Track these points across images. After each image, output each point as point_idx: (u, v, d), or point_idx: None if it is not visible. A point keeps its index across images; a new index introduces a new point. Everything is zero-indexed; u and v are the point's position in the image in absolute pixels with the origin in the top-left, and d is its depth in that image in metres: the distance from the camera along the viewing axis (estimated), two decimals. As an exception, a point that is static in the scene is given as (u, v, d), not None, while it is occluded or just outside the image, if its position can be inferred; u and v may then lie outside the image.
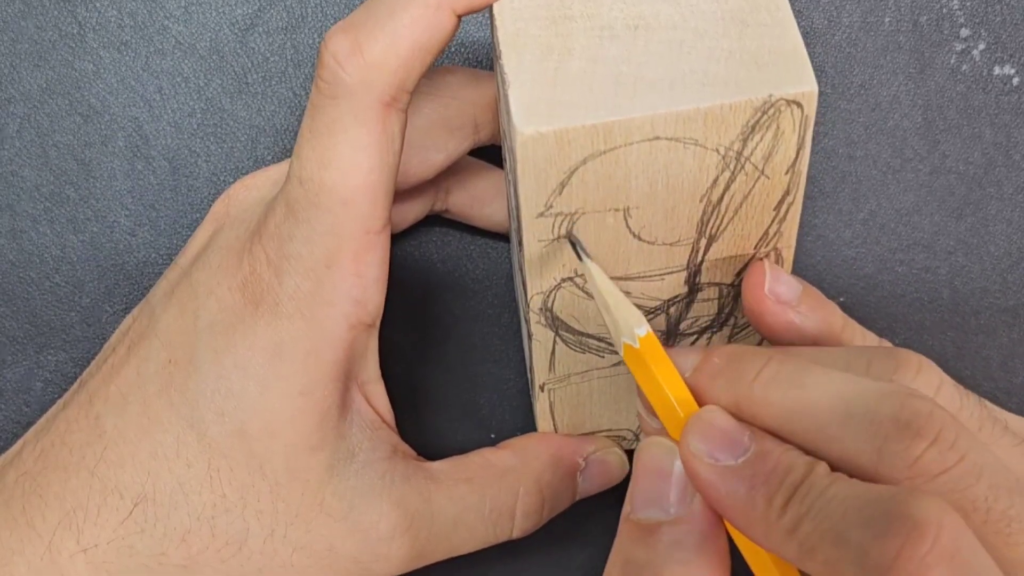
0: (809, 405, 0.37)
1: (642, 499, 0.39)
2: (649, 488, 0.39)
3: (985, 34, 0.56)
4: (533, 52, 0.40)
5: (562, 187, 0.39)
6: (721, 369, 0.39)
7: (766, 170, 0.40)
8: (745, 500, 0.36)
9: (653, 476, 0.39)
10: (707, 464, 0.37)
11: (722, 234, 0.42)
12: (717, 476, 0.37)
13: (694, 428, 0.38)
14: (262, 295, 0.44)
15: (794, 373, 0.38)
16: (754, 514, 0.36)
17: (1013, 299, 0.56)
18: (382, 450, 0.46)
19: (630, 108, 0.38)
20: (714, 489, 0.37)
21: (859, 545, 0.33)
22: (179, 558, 0.44)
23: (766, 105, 0.38)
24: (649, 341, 0.40)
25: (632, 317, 0.40)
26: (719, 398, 0.39)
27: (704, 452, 0.37)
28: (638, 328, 0.40)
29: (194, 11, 0.55)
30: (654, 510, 0.39)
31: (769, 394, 0.37)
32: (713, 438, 0.37)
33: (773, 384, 0.38)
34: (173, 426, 0.44)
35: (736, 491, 0.36)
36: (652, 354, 0.40)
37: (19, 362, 0.55)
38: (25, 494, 0.45)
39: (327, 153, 0.43)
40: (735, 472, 0.37)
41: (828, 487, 0.35)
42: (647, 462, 0.39)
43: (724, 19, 0.40)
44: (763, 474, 0.36)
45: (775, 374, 0.38)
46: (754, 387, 0.38)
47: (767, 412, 0.37)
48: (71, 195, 0.55)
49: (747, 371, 0.38)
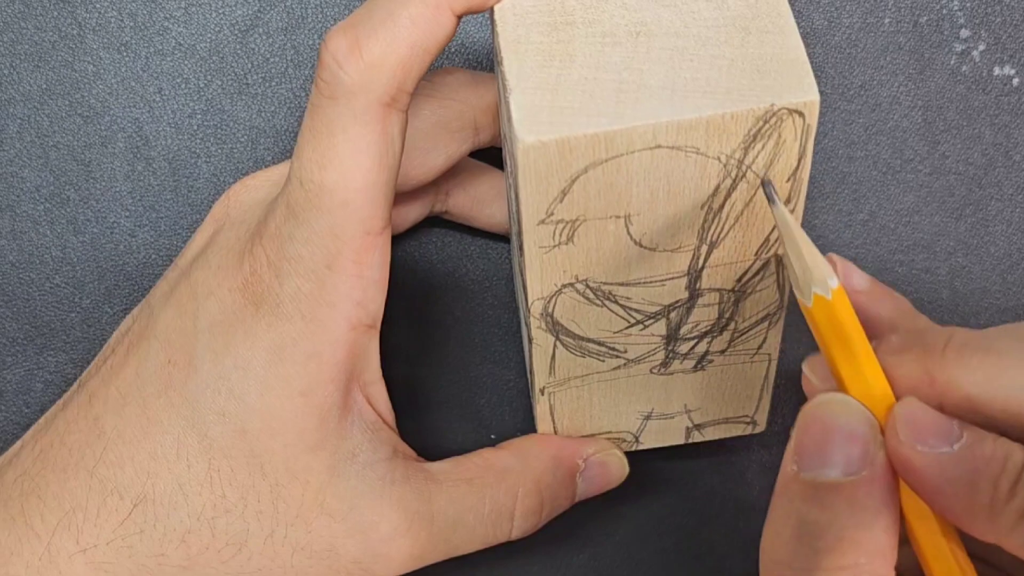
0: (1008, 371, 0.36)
1: (818, 457, 0.37)
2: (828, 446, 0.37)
3: (985, 35, 0.56)
4: (534, 58, 0.39)
5: (563, 195, 0.39)
6: (904, 344, 0.38)
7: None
8: (967, 486, 0.35)
9: (833, 434, 0.37)
10: (921, 452, 0.36)
11: (723, 241, 0.42)
12: (934, 463, 0.36)
13: (903, 416, 0.37)
14: (262, 296, 0.44)
15: (983, 340, 0.37)
16: (978, 500, 0.35)
17: (1013, 299, 0.56)
18: (383, 451, 0.46)
19: (632, 116, 0.38)
20: (930, 476, 0.36)
21: None
22: (179, 559, 0.44)
23: (768, 114, 0.38)
24: (842, 296, 0.38)
25: (826, 268, 0.38)
26: (908, 372, 0.37)
27: (915, 440, 0.36)
28: (832, 280, 0.38)
29: (194, 12, 0.55)
30: (832, 469, 0.36)
31: (965, 359, 0.37)
32: (923, 426, 0.36)
33: (966, 351, 0.37)
34: (173, 427, 0.44)
35: (957, 477, 0.35)
36: (844, 310, 0.38)
37: (19, 363, 0.55)
38: (24, 494, 0.45)
39: (327, 154, 0.43)
40: (953, 458, 0.35)
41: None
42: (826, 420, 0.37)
43: (726, 26, 0.40)
44: (984, 458, 0.35)
45: (966, 340, 0.37)
46: (946, 355, 0.37)
47: (965, 377, 0.36)
48: (71, 196, 0.55)
49: (934, 341, 0.37)
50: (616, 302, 0.44)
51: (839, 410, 0.37)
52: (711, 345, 0.47)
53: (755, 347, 0.47)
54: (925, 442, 0.36)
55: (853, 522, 0.36)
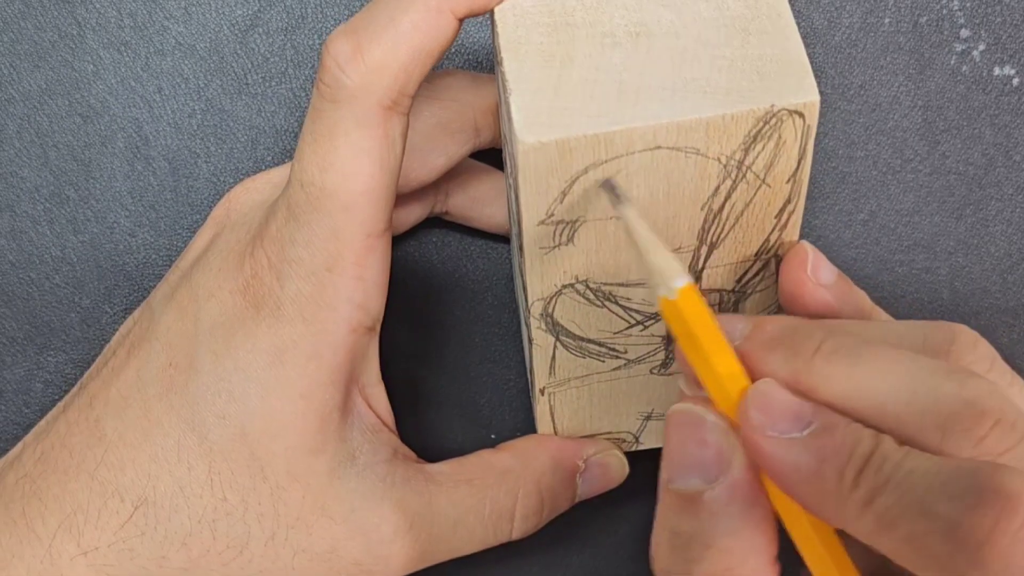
0: (871, 382, 0.36)
1: (680, 467, 0.38)
2: (685, 456, 0.37)
3: (985, 35, 0.56)
4: (535, 59, 0.39)
5: (563, 195, 0.39)
6: (777, 339, 0.38)
7: (767, 179, 0.40)
8: (813, 473, 0.35)
9: (688, 443, 0.38)
10: (770, 437, 0.36)
11: (723, 242, 0.42)
12: (782, 449, 0.36)
13: (753, 401, 0.36)
14: (263, 298, 0.44)
15: (855, 348, 0.37)
16: (824, 487, 0.35)
17: (1013, 299, 0.56)
18: (383, 453, 0.46)
19: (632, 117, 0.38)
20: (779, 462, 0.36)
21: (948, 518, 0.32)
22: (180, 561, 0.44)
23: (768, 115, 0.38)
24: (688, 294, 0.37)
25: (670, 268, 0.38)
26: (775, 369, 0.37)
27: (766, 424, 0.36)
28: (676, 280, 0.37)
29: (194, 12, 0.55)
30: (693, 478, 0.37)
31: (830, 369, 0.36)
32: (774, 411, 0.36)
33: (835, 358, 0.37)
34: (174, 429, 0.44)
35: (803, 464, 0.35)
36: (692, 309, 0.37)
37: (19, 363, 0.55)
38: (25, 497, 0.45)
39: (328, 157, 0.42)
40: (801, 444, 0.35)
41: (904, 459, 0.34)
42: (681, 429, 0.38)
43: (726, 27, 0.40)
44: (832, 445, 0.35)
45: (836, 348, 0.37)
46: (814, 361, 0.37)
47: (827, 387, 0.36)
48: (71, 196, 0.55)
49: (806, 344, 0.37)
50: (616, 303, 0.44)
51: (691, 418, 0.38)
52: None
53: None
54: (775, 427, 0.36)
55: (719, 530, 0.37)
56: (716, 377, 0.37)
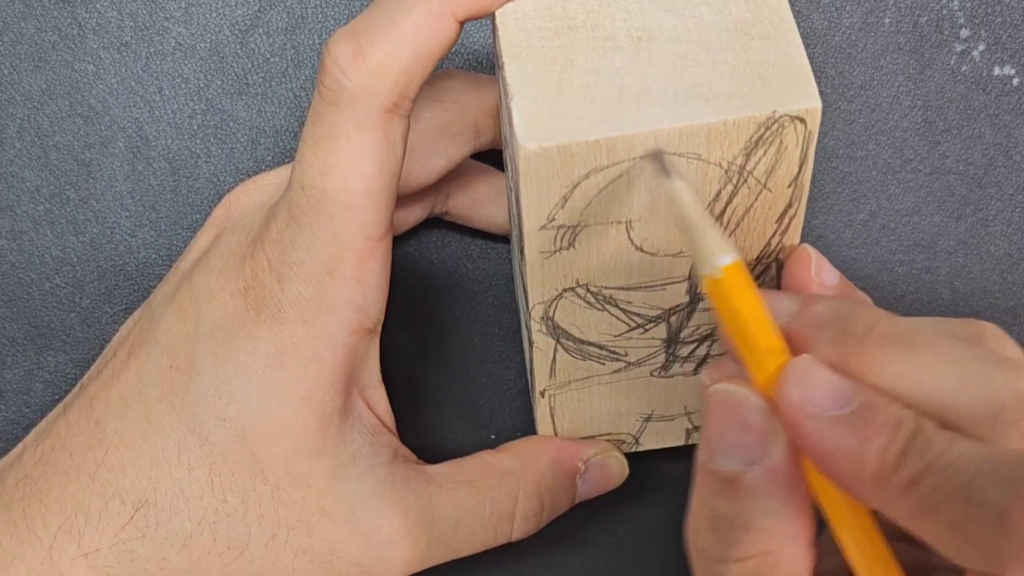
0: (923, 368, 0.36)
1: (720, 448, 0.37)
2: (728, 435, 0.37)
3: (985, 35, 0.56)
4: (536, 63, 0.39)
5: (565, 200, 0.39)
6: (828, 319, 0.37)
7: (769, 184, 0.40)
8: (854, 452, 0.34)
9: (731, 424, 0.37)
10: (810, 415, 0.35)
11: None
12: (824, 427, 0.35)
13: (794, 376, 0.36)
14: (264, 301, 0.44)
15: (908, 334, 0.36)
16: (865, 467, 0.34)
17: (1013, 299, 0.56)
18: (383, 454, 0.46)
19: (633, 123, 0.38)
20: (820, 440, 0.35)
21: (997, 506, 0.31)
22: (180, 563, 0.44)
23: (770, 121, 0.38)
24: (735, 272, 0.37)
25: (717, 245, 0.37)
26: (823, 349, 0.37)
27: (806, 401, 0.35)
28: (722, 257, 0.37)
29: (194, 12, 0.55)
30: (734, 459, 0.36)
31: (883, 353, 0.36)
32: (815, 387, 0.35)
33: (887, 342, 0.36)
34: (174, 431, 0.44)
35: (844, 442, 0.34)
36: (739, 287, 0.37)
37: (19, 363, 0.55)
38: (25, 498, 0.45)
39: (329, 159, 0.42)
40: (842, 422, 0.35)
41: (951, 444, 0.33)
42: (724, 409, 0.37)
43: (728, 32, 0.40)
44: (874, 424, 0.34)
45: (889, 332, 0.36)
46: (866, 343, 0.36)
47: (878, 371, 0.36)
48: (71, 196, 0.55)
49: (858, 325, 0.37)
50: (617, 306, 0.44)
51: (735, 398, 0.37)
52: (711, 348, 0.47)
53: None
54: (815, 403, 0.35)
55: (758, 511, 0.36)
56: (756, 352, 0.37)
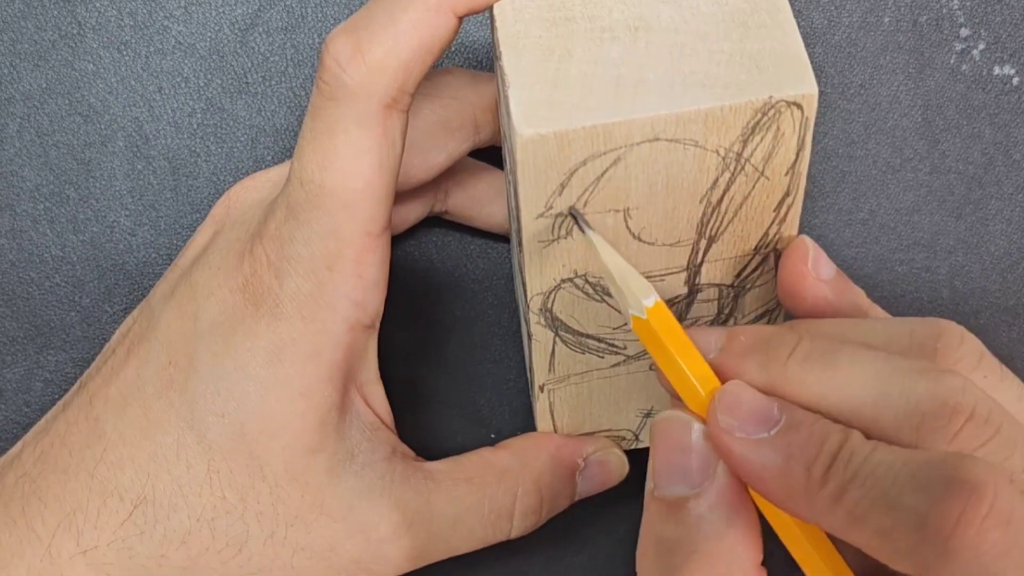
0: (845, 384, 0.36)
1: (664, 475, 0.38)
2: (670, 463, 0.38)
3: (985, 34, 0.56)
4: (533, 53, 0.39)
5: (562, 188, 0.39)
6: (750, 348, 0.38)
7: (766, 171, 0.40)
8: (782, 471, 0.35)
9: (673, 450, 0.38)
10: (738, 438, 0.36)
11: (722, 235, 0.42)
12: (750, 449, 0.36)
13: (721, 403, 0.37)
14: (262, 297, 0.44)
15: (828, 352, 0.37)
16: (793, 485, 0.35)
17: (1013, 299, 0.56)
18: (381, 451, 0.46)
19: (630, 110, 0.38)
20: (748, 463, 0.36)
21: (915, 510, 0.32)
22: (179, 560, 0.44)
23: (766, 107, 0.38)
24: (658, 312, 0.39)
25: (639, 288, 0.39)
26: (751, 378, 0.38)
27: (734, 426, 0.36)
28: (646, 299, 0.39)
29: (194, 11, 0.55)
30: (678, 485, 0.37)
31: (804, 374, 0.37)
32: (742, 412, 0.36)
33: (808, 363, 0.37)
34: (173, 428, 0.44)
35: (772, 463, 0.36)
36: (663, 324, 0.38)
37: (19, 362, 0.55)
38: (25, 496, 0.45)
39: (328, 155, 0.43)
40: (769, 444, 0.36)
41: (871, 453, 0.34)
42: (665, 436, 0.38)
43: (725, 21, 0.40)
44: (799, 443, 0.35)
45: (808, 353, 0.37)
46: (788, 366, 0.37)
47: (801, 392, 0.37)
48: (71, 195, 0.55)
49: (779, 350, 0.38)
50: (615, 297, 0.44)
51: (675, 425, 0.38)
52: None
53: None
54: (743, 428, 0.36)
55: (704, 535, 0.37)
56: (688, 383, 0.38)
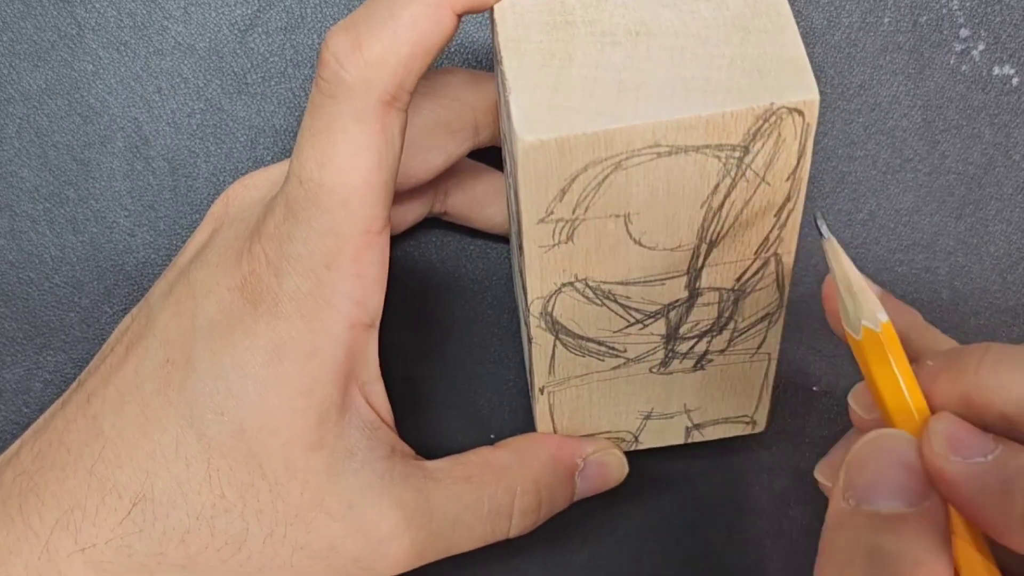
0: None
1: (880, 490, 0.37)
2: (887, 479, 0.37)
3: (985, 34, 0.56)
4: (534, 58, 0.39)
5: (563, 193, 0.39)
6: (939, 368, 0.38)
7: (767, 177, 0.40)
8: (999, 497, 0.35)
9: (892, 466, 0.37)
10: (955, 462, 0.36)
11: (722, 240, 0.42)
12: (967, 473, 0.36)
13: (937, 428, 0.37)
14: (261, 295, 0.44)
15: (1017, 355, 0.37)
16: (1011, 511, 0.35)
17: (1013, 299, 0.56)
18: (381, 450, 0.46)
19: (632, 115, 0.38)
20: (964, 487, 0.36)
21: None
22: (178, 558, 0.44)
23: (768, 113, 0.38)
24: (889, 330, 0.39)
25: (875, 303, 0.39)
26: (945, 396, 0.38)
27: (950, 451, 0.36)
28: (881, 314, 0.38)
29: (193, 11, 0.55)
30: (894, 501, 0.37)
31: (999, 378, 0.37)
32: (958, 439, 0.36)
33: (1001, 366, 0.37)
34: (172, 426, 0.44)
35: (989, 488, 0.35)
36: (892, 343, 0.38)
37: (18, 363, 0.55)
38: (22, 493, 0.44)
39: (327, 153, 0.43)
40: (986, 469, 0.36)
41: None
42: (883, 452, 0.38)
43: (726, 26, 0.40)
44: (1018, 468, 0.35)
45: (999, 357, 0.37)
46: (980, 374, 0.37)
47: (1000, 396, 0.36)
48: (70, 195, 0.55)
49: (968, 362, 0.37)
50: (616, 301, 0.44)
51: (896, 444, 0.38)
52: (711, 344, 0.47)
53: (755, 347, 0.47)
54: (960, 453, 0.36)
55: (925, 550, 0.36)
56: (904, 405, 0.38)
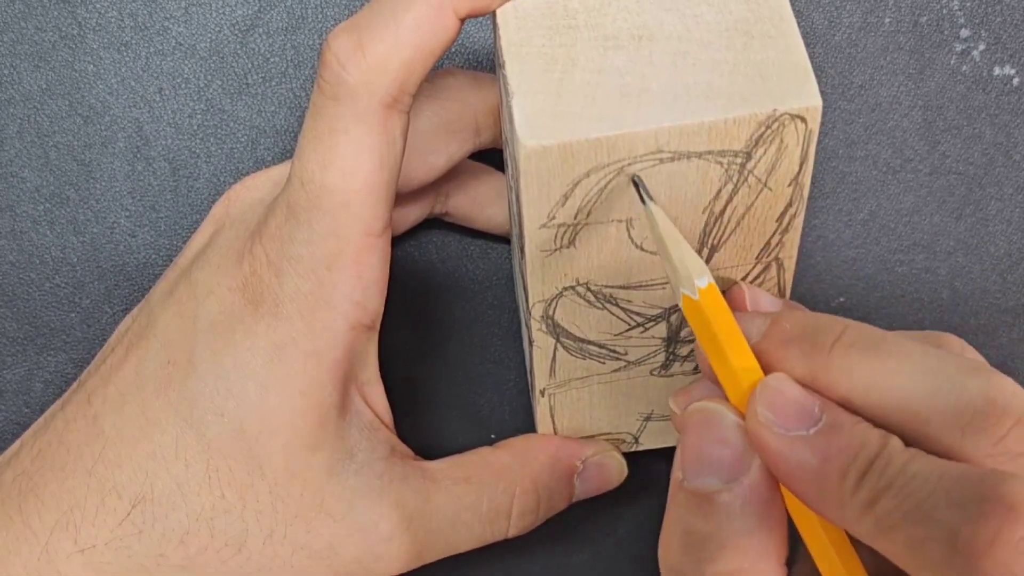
0: (892, 376, 0.36)
1: (697, 466, 0.37)
2: (704, 454, 0.37)
3: (985, 34, 0.56)
4: (536, 62, 0.39)
5: (565, 199, 0.39)
6: (794, 335, 0.38)
7: (769, 183, 0.40)
8: (817, 473, 0.35)
9: (708, 442, 0.37)
10: (776, 434, 0.36)
11: (724, 245, 0.42)
12: (787, 447, 0.36)
13: (762, 396, 0.36)
14: (262, 296, 0.44)
15: (875, 340, 0.37)
16: (826, 488, 0.35)
17: (1013, 299, 0.56)
18: (380, 450, 0.46)
19: (634, 121, 0.38)
20: (783, 460, 0.36)
21: (948, 525, 0.32)
22: (178, 559, 0.44)
23: (770, 119, 0.38)
24: (711, 293, 0.38)
25: (694, 267, 0.38)
26: (792, 366, 0.37)
27: (773, 421, 0.36)
28: (699, 279, 0.38)
29: (194, 12, 0.55)
30: (711, 478, 0.37)
31: (850, 362, 0.36)
32: (782, 407, 0.36)
33: (854, 351, 0.36)
34: (172, 426, 0.44)
35: (808, 463, 0.35)
36: (714, 308, 0.38)
37: (19, 363, 0.55)
38: (22, 494, 0.44)
39: (328, 154, 0.42)
40: (806, 443, 0.35)
41: (908, 463, 0.34)
42: (701, 427, 0.38)
43: (728, 31, 0.40)
44: (836, 446, 0.35)
45: (855, 340, 0.37)
46: (833, 354, 0.37)
47: (846, 381, 0.36)
48: (71, 196, 0.55)
49: (824, 337, 0.37)
50: (617, 305, 0.44)
51: (713, 416, 0.38)
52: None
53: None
54: (782, 424, 0.36)
55: (734, 529, 0.37)
56: (731, 372, 0.38)
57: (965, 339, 0.40)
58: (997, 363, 0.54)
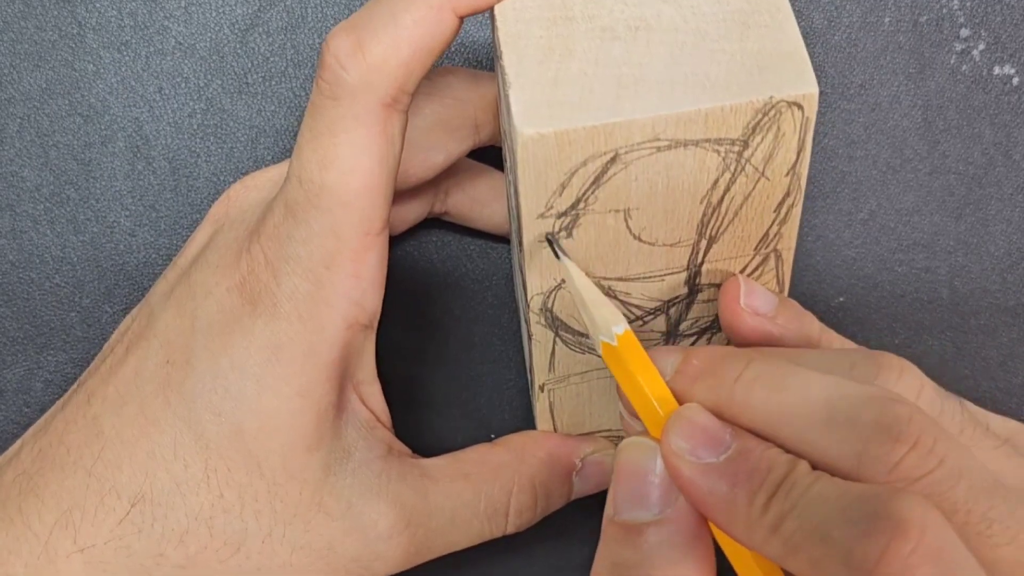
0: (791, 408, 0.37)
1: (625, 500, 0.39)
2: (632, 489, 0.39)
3: (985, 34, 0.56)
4: (534, 53, 0.39)
5: (562, 188, 0.39)
6: (701, 371, 0.39)
7: (766, 172, 0.40)
8: (727, 498, 0.36)
9: (635, 476, 0.39)
10: (688, 462, 0.37)
11: (722, 235, 0.42)
12: (699, 474, 0.37)
13: (675, 426, 0.38)
14: (260, 295, 0.44)
15: (775, 375, 0.38)
16: (736, 512, 0.36)
17: (1013, 299, 0.56)
18: (377, 449, 0.46)
19: (631, 110, 0.38)
20: (695, 487, 0.37)
21: (843, 543, 0.33)
22: (177, 558, 0.44)
23: (767, 107, 0.38)
24: (627, 339, 0.40)
25: (611, 315, 0.40)
26: (702, 400, 0.39)
27: (685, 450, 0.37)
28: (616, 326, 0.40)
29: (194, 11, 0.55)
30: (638, 511, 0.38)
31: (750, 396, 0.38)
32: (694, 436, 0.37)
33: (755, 386, 0.38)
34: (170, 426, 0.44)
35: (718, 489, 0.36)
36: (630, 352, 0.39)
37: (19, 363, 0.55)
38: (22, 493, 0.44)
39: (327, 154, 0.43)
40: (716, 470, 0.37)
41: (811, 485, 0.35)
42: (628, 463, 0.39)
43: (725, 21, 0.40)
44: (745, 471, 0.36)
45: (756, 376, 0.38)
46: (735, 389, 0.38)
47: (748, 414, 0.37)
48: (71, 196, 0.55)
49: (728, 373, 0.38)
50: (616, 297, 0.44)
51: (638, 452, 0.39)
52: (711, 341, 0.47)
53: (753, 344, 0.47)
54: (693, 452, 0.37)
55: (659, 561, 0.38)
56: (649, 407, 0.39)
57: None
58: (997, 363, 0.55)
